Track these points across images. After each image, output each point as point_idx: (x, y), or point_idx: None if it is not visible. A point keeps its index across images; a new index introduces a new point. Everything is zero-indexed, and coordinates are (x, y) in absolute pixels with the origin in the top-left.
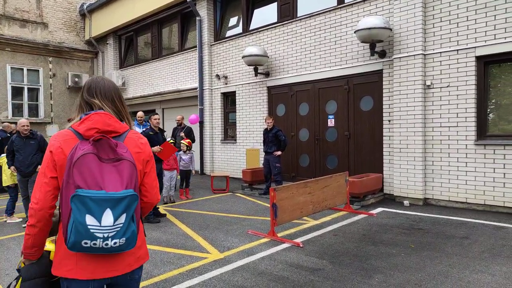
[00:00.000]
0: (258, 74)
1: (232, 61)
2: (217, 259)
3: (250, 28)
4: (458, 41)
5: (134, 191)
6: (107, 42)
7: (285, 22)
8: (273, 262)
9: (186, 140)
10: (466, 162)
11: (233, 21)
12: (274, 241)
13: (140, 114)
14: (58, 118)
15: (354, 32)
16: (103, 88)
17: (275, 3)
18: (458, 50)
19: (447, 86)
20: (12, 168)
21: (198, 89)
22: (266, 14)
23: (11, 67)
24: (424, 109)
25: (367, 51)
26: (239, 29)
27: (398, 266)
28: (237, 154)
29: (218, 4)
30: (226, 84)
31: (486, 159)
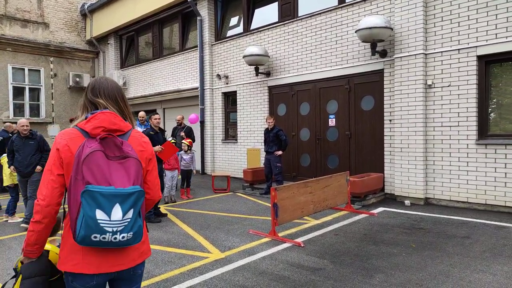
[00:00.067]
0: (259, 74)
1: (233, 60)
2: (218, 259)
3: (251, 27)
4: (459, 40)
5: (141, 187)
6: (108, 42)
7: (286, 22)
8: (274, 261)
9: (187, 140)
10: (467, 162)
11: (234, 20)
12: (275, 240)
13: (141, 114)
14: (59, 118)
15: (355, 31)
16: (107, 88)
17: (276, 3)
18: (459, 50)
19: (448, 86)
20: (11, 168)
21: (199, 89)
22: (267, 13)
23: (13, 67)
24: (425, 108)
25: (368, 51)
26: (240, 28)
27: (399, 266)
28: (238, 154)
29: (219, 3)
30: (227, 84)
31: (487, 159)
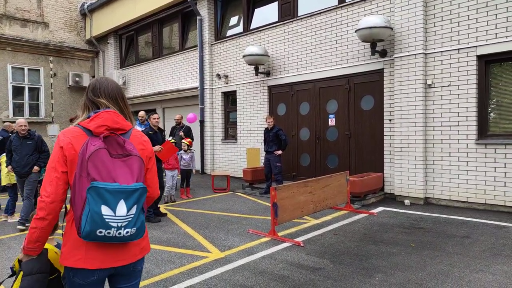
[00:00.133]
0: (259, 74)
1: (232, 60)
2: (217, 258)
3: (251, 27)
4: (459, 40)
5: (144, 184)
6: (108, 41)
7: (286, 22)
8: (273, 261)
9: (187, 139)
10: (467, 161)
11: (233, 20)
12: (275, 240)
13: (141, 113)
14: (59, 117)
15: (355, 31)
16: (107, 88)
17: (276, 3)
18: (459, 49)
19: (448, 85)
20: (9, 167)
21: (198, 88)
22: (267, 13)
23: (12, 67)
24: (425, 108)
25: (368, 51)
26: (240, 28)
27: (398, 265)
28: (237, 154)
29: (218, 3)
30: (227, 83)
31: (487, 158)
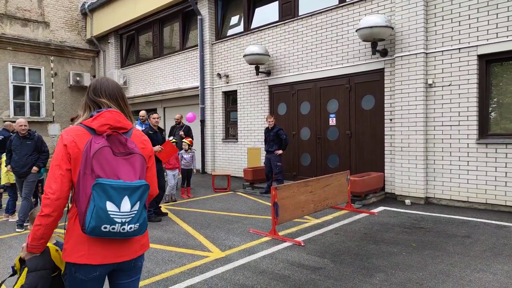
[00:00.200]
0: (260, 73)
1: (233, 60)
2: (218, 258)
3: (252, 27)
4: (460, 39)
5: (146, 182)
6: (109, 41)
7: (286, 21)
8: (274, 261)
9: (188, 139)
10: (468, 161)
11: (234, 20)
12: (276, 240)
13: (142, 113)
14: (59, 117)
15: (356, 30)
16: (108, 88)
17: (276, 2)
18: (460, 49)
19: (449, 85)
20: (8, 167)
21: (199, 88)
22: (268, 13)
23: (13, 66)
24: (425, 107)
25: (369, 50)
26: (241, 28)
27: (399, 265)
28: (238, 153)
29: (219, 3)
30: (228, 83)
31: (487, 158)
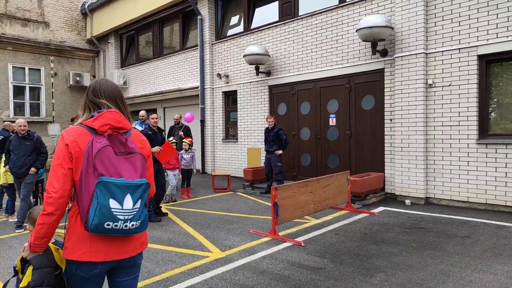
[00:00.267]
0: (260, 73)
1: (233, 60)
2: (218, 258)
3: (252, 27)
4: (460, 39)
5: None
6: (109, 41)
7: (286, 21)
8: (274, 261)
9: (188, 139)
10: (468, 161)
11: (234, 20)
12: (276, 240)
13: (142, 113)
14: (59, 117)
15: (356, 31)
16: (107, 89)
17: (276, 2)
18: (460, 49)
19: (449, 85)
20: (6, 167)
21: (199, 88)
22: (268, 13)
23: (13, 66)
24: (425, 108)
25: (369, 50)
26: (241, 28)
27: (399, 265)
28: (238, 153)
29: (219, 3)
30: (228, 83)
31: (487, 158)
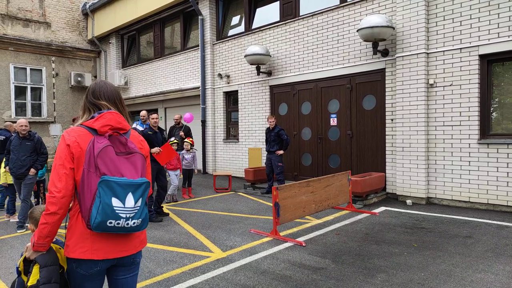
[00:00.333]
0: (261, 73)
1: (234, 60)
2: (219, 258)
3: (253, 27)
4: (461, 39)
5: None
6: (110, 41)
7: (287, 21)
8: (275, 261)
9: (189, 139)
10: (469, 161)
11: (235, 20)
12: (277, 240)
13: (143, 113)
14: (61, 117)
15: (357, 31)
16: (106, 91)
17: (277, 2)
18: (461, 49)
19: (450, 85)
20: (6, 168)
21: (200, 88)
22: (268, 13)
23: (14, 67)
24: (427, 108)
25: (370, 50)
26: (242, 28)
27: (401, 265)
28: (239, 153)
29: (220, 3)
30: (229, 83)
31: (489, 158)
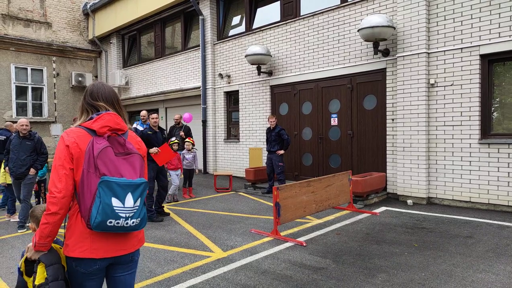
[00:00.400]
0: (261, 73)
1: (235, 60)
2: (220, 258)
3: (253, 27)
4: (462, 39)
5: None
6: (111, 41)
7: (288, 21)
8: (276, 261)
9: (190, 138)
10: (470, 161)
11: (236, 20)
12: (277, 240)
13: (143, 113)
14: (62, 117)
15: (358, 30)
16: (104, 92)
17: (278, 2)
18: (462, 49)
19: (451, 85)
20: (6, 169)
21: (201, 88)
22: (269, 13)
23: (15, 67)
24: (427, 107)
25: (371, 50)
26: (242, 28)
27: (401, 265)
28: (240, 153)
29: (221, 3)
30: (229, 83)
31: (490, 158)
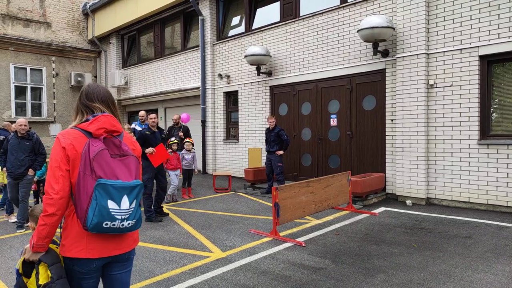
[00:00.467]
0: (261, 74)
1: (234, 60)
2: (219, 258)
3: (253, 27)
4: (461, 40)
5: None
6: (110, 41)
7: (287, 22)
8: (275, 261)
9: (189, 139)
10: (469, 162)
11: (235, 20)
12: (276, 240)
13: (142, 113)
14: (61, 117)
15: (357, 31)
16: (99, 94)
17: (278, 2)
18: (461, 49)
19: (450, 86)
20: (3, 169)
21: (200, 88)
22: (269, 13)
23: (15, 67)
24: (427, 108)
25: (370, 50)
26: (242, 28)
27: (400, 266)
28: (239, 154)
29: (220, 3)
30: (229, 83)
31: (489, 159)
